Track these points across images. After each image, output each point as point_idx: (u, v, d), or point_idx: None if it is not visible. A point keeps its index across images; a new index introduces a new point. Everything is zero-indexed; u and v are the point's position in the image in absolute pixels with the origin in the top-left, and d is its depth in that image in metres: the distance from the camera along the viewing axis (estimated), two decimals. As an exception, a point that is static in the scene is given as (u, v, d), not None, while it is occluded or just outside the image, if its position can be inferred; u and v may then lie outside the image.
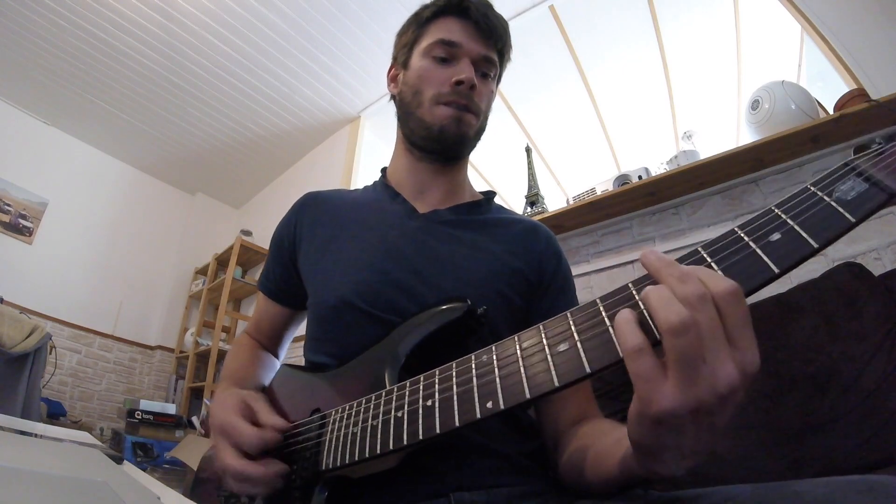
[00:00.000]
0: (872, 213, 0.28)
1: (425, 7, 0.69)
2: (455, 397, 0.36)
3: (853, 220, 0.27)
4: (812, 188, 0.30)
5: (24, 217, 3.05)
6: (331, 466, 0.45)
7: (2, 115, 3.07)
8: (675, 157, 1.70)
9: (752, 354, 0.27)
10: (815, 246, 0.27)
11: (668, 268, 0.29)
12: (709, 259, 0.30)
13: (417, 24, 0.70)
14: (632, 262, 1.65)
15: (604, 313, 0.32)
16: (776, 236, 0.29)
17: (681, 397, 0.27)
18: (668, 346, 0.28)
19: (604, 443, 0.45)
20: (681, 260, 0.32)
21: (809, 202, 0.30)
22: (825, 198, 0.29)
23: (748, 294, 0.28)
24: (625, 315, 0.30)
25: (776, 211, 0.30)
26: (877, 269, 1.07)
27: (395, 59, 0.74)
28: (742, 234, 0.30)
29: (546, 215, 1.78)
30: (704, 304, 0.27)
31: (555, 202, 2.11)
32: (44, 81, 2.93)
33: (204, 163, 3.66)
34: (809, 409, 0.95)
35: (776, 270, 0.27)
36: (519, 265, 0.63)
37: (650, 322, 0.29)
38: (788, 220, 0.29)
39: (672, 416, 0.28)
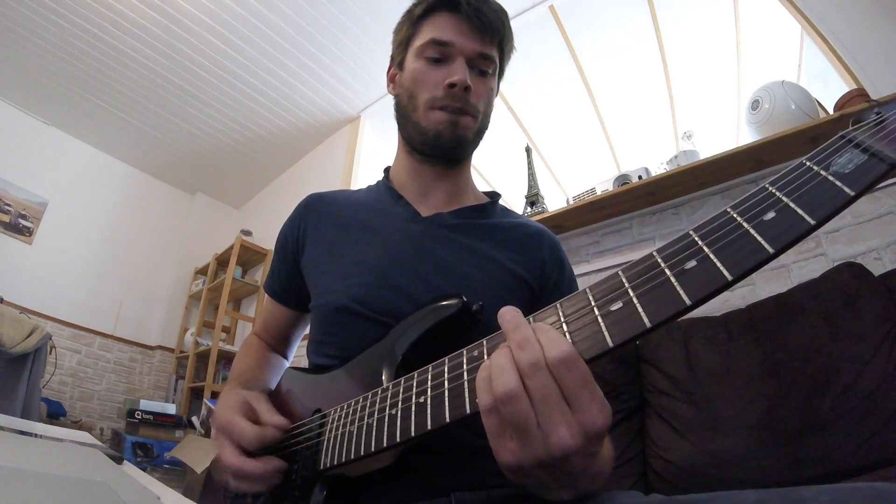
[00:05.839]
0: (873, 185, 0.26)
1: (417, 3, 0.67)
2: (446, 392, 0.36)
3: (852, 193, 0.26)
4: (808, 163, 0.29)
5: (24, 217, 3.05)
6: (329, 465, 0.45)
7: (2, 115, 3.06)
8: (675, 157, 1.70)
9: (592, 415, 0.29)
10: (812, 223, 0.26)
11: (515, 332, 0.32)
12: (700, 242, 0.29)
13: (410, 22, 0.68)
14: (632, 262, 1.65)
15: (593, 302, 0.32)
16: (770, 215, 0.27)
17: (519, 455, 0.30)
18: (500, 412, 0.30)
19: None
20: (671, 245, 0.30)
21: (805, 177, 0.28)
22: (821, 172, 0.28)
23: (743, 276, 0.27)
24: (482, 374, 0.32)
25: (770, 188, 0.29)
26: (877, 269, 1.07)
27: (392, 58, 0.73)
28: (734, 215, 0.29)
29: (546, 215, 1.78)
30: (537, 371, 0.29)
31: (555, 202, 2.11)
32: (44, 81, 2.93)
33: (204, 163, 3.66)
34: (809, 409, 0.95)
35: (771, 251, 0.26)
36: (521, 272, 0.62)
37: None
38: (783, 198, 0.28)
39: (515, 468, 0.31)
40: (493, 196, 0.74)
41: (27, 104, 3.15)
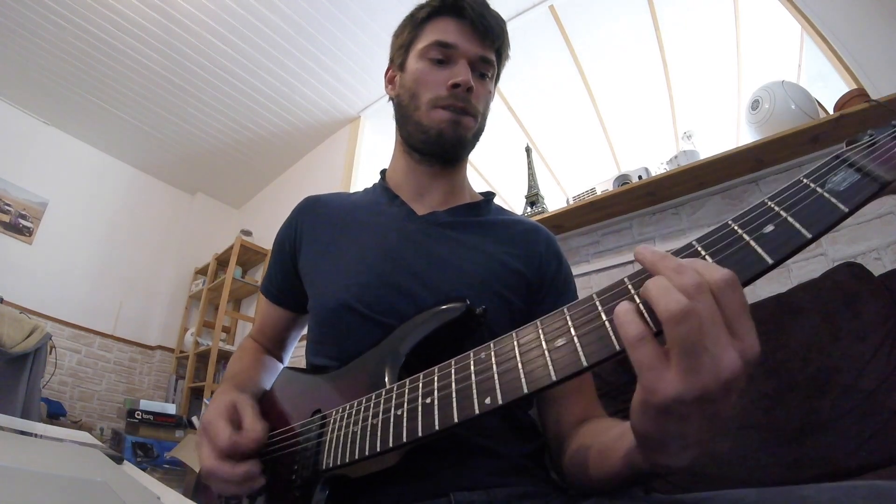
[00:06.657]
0: (865, 203, 0.28)
1: (420, 7, 0.68)
2: (454, 394, 0.36)
3: (846, 210, 0.28)
4: (805, 180, 0.31)
5: (24, 217, 3.05)
6: (331, 465, 0.45)
7: (2, 115, 3.06)
8: (675, 157, 1.70)
9: (752, 341, 0.27)
10: (809, 236, 0.27)
11: (664, 260, 0.30)
12: (703, 252, 0.31)
13: (413, 25, 0.69)
14: (632, 262, 1.65)
15: (600, 308, 0.32)
16: (769, 228, 0.29)
17: (685, 385, 0.27)
18: (669, 334, 0.27)
19: (607, 438, 0.44)
20: (675, 254, 0.32)
21: (802, 194, 0.30)
22: (818, 189, 0.30)
23: (743, 285, 0.28)
24: (624, 306, 0.30)
25: (769, 203, 0.30)
26: (877, 269, 1.07)
27: (391, 60, 0.74)
28: (735, 227, 0.30)
29: (546, 215, 1.78)
30: (702, 293, 0.27)
31: (555, 202, 2.11)
32: (44, 81, 2.93)
33: (204, 163, 3.66)
34: (809, 409, 0.95)
35: (770, 261, 0.28)
36: (518, 267, 0.63)
37: (647, 313, 0.29)
38: (782, 212, 0.29)
39: (677, 403, 0.28)
40: (488, 195, 0.75)
41: (27, 104, 3.14)
